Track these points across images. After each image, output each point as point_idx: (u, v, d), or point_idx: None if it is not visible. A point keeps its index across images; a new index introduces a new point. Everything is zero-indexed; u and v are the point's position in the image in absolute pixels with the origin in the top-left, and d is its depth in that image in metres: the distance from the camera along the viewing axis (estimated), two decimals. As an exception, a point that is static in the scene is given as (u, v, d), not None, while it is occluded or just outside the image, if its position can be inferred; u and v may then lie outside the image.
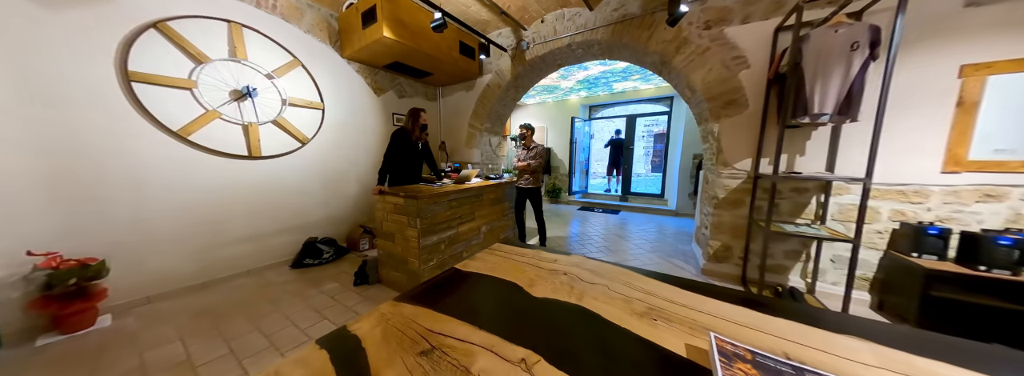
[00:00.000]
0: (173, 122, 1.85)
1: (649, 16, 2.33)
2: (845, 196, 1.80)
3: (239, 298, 1.91)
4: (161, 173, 1.84)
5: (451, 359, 0.44)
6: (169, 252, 1.90)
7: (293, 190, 2.52)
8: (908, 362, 0.42)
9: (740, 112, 2.04)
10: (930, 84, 1.55)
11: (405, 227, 1.87)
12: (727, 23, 2.03)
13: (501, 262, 0.85)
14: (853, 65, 1.48)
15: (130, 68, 1.68)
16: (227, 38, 2.06)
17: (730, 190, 2.12)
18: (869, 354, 0.44)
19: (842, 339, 0.48)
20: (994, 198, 1.50)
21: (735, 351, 0.40)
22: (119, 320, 1.65)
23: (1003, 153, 1.47)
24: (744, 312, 0.56)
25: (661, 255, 2.74)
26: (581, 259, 0.85)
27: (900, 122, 1.60)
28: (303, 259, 2.43)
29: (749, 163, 2.04)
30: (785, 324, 0.52)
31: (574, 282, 0.71)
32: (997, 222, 1.50)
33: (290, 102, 2.41)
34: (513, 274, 0.76)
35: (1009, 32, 1.42)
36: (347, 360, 0.45)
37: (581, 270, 0.78)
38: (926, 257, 1.49)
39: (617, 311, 0.57)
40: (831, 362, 0.42)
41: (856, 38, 1.47)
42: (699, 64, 2.16)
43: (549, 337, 0.50)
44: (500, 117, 3.91)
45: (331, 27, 2.70)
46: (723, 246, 2.18)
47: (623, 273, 0.76)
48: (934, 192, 1.60)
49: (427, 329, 0.52)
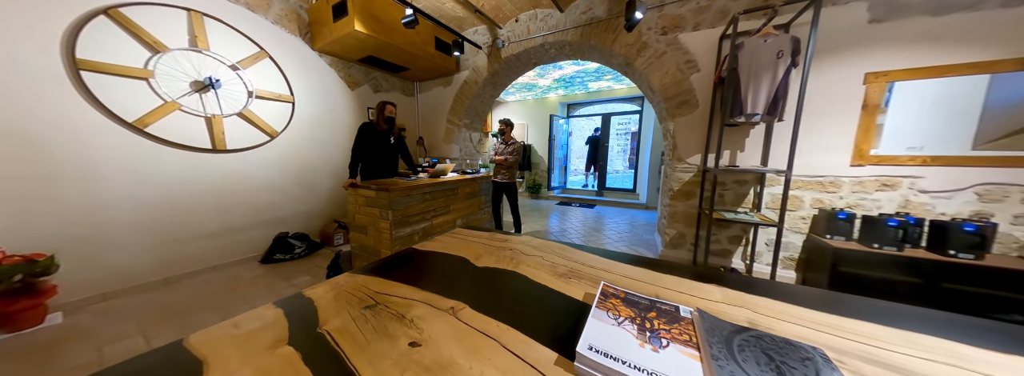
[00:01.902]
0: (128, 113, 1.78)
1: (614, 20, 2.48)
2: (776, 187, 2.03)
3: (205, 293, 1.89)
4: (117, 166, 1.78)
5: (391, 310, 0.53)
6: (127, 247, 1.84)
7: (263, 185, 2.48)
8: (745, 298, 0.56)
9: (692, 111, 2.24)
10: (840, 89, 1.79)
11: (377, 219, 1.92)
12: (681, 29, 2.21)
13: (457, 243, 0.94)
14: (779, 71, 1.69)
15: (78, 56, 1.61)
16: (187, 27, 1.99)
17: (683, 183, 2.32)
18: (718, 293, 0.58)
19: (707, 286, 0.61)
20: (890, 187, 1.77)
21: (613, 292, 0.52)
22: (72, 317, 1.60)
23: (913, 149, 1.73)
24: (641, 271, 0.69)
25: (627, 244, 2.94)
26: (528, 238, 0.96)
27: (818, 122, 1.84)
28: (273, 254, 2.41)
29: (699, 158, 2.25)
30: (669, 278, 0.65)
31: (516, 255, 0.82)
32: (891, 207, 1.77)
33: (257, 94, 2.36)
34: (464, 251, 0.86)
35: (905, 45, 1.67)
36: (299, 314, 0.53)
37: (526, 246, 0.89)
38: (837, 238, 1.74)
39: (543, 274, 0.68)
40: (685, 299, 0.55)
41: (781, 47, 1.68)
42: (657, 67, 2.33)
43: (478, 293, 0.60)
44: (479, 113, 3.98)
45: (301, 18, 2.65)
46: (678, 234, 2.38)
47: (561, 248, 0.87)
48: (845, 183, 1.85)
49: (375, 291, 0.61)
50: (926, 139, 1.70)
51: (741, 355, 0.35)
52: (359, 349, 0.42)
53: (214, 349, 0.43)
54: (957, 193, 1.64)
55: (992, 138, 1.58)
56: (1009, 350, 0.40)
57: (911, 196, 1.73)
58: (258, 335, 0.46)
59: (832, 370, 0.34)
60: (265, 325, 0.49)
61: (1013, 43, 1.49)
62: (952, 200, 1.65)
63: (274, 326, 0.49)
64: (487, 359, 0.40)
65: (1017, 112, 1.55)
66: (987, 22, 1.52)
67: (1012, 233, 1.57)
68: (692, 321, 0.43)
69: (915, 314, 0.50)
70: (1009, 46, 1.49)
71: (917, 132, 1.71)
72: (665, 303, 0.49)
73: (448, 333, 0.46)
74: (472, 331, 0.47)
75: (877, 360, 0.38)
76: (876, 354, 0.39)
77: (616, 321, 0.43)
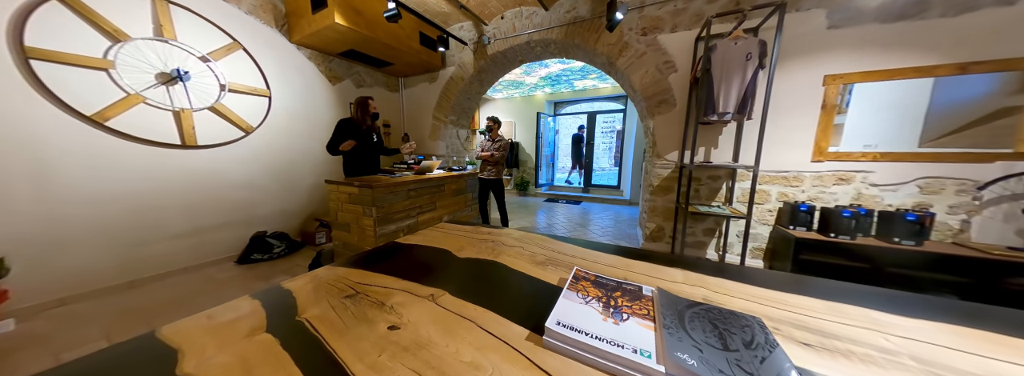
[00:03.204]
0: (85, 106, 1.67)
1: (597, 20, 2.53)
2: (746, 181, 2.16)
3: (174, 295, 1.81)
4: (72, 161, 1.66)
5: (371, 299, 0.55)
6: (86, 248, 1.73)
7: (238, 182, 2.38)
8: (703, 279, 0.61)
9: (670, 110, 2.33)
10: (802, 89, 1.92)
11: (361, 216, 1.89)
12: (660, 31, 2.29)
13: (440, 236, 0.96)
14: (747, 72, 1.79)
15: (27, 43, 1.49)
16: (151, 15, 1.88)
17: (662, 178, 2.42)
18: (680, 275, 0.62)
19: (671, 270, 0.66)
20: (845, 181, 1.92)
21: (585, 276, 0.55)
22: (25, 324, 1.49)
23: (869, 147, 1.87)
24: (616, 259, 0.73)
25: (610, 238, 3.03)
26: (511, 231, 0.99)
27: (783, 120, 1.96)
28: (251, 254, 2.33)
29: (677, 155, 2.35)
30: (639, 263, 0.69)
31: (498, 247, 0.84)
32: (846, 200, 1.93)
33: (230, 88, 2.26)
34: (447, 243, 0.87)
35: (860, 50, 1.81)
36: (277, 304, 0.53)
37: (508, 238, 0.91)
38: (799, 229, 1.87)
39: (522, 262, 0.71)
40: (649, 281, 0.60)
41: (749, 50, 1.78)
42: (638, 66, 2.41)
43: (459, 281, 0.62)
44: (466, 110, 3.96)
45: (277, 9, 2.55)
46: (657, 227, 2.48)
47: (543, 239, 0.90)
48: (806, 177, 1.99)
49: (355, 282, 0.62)
50: (879, 137, 1.85)
51: (690, 325, 0.40)
52: (338, 334, 0.44)
53: (188, 338, 0.43)
54: (902, 186, 1.80)
55: (934, 137, 1.75)
56: (918, 316, 0.47)
57: (863, 189, 1.88)
58: (234, 325, 0.47)
59: (767, 334, 0.38)
60: (241, 315, 0.49)
61: (952, 49, 1.64)
62: (897, 192, 1.81)
63: (251, 316, 0.49)
64: (462, 338, 0.42)
65: (955, 113, 1.71)
66: (930, 30, 1.67)
67: (947, 221, 1.75)
68: (652, 299, 0.47)
69: (847, 289, 0.57)
70: (948, 52, 1.65)
71: (872, 131, 1.86)
72: (630, 284, 0.52)
73: (426, 317, 0.48)
74: (450, 314, 0.49)
75: (806, 326, 0.44)
76: (805, 321, 0.45)
77: (584, 300, 0.47)
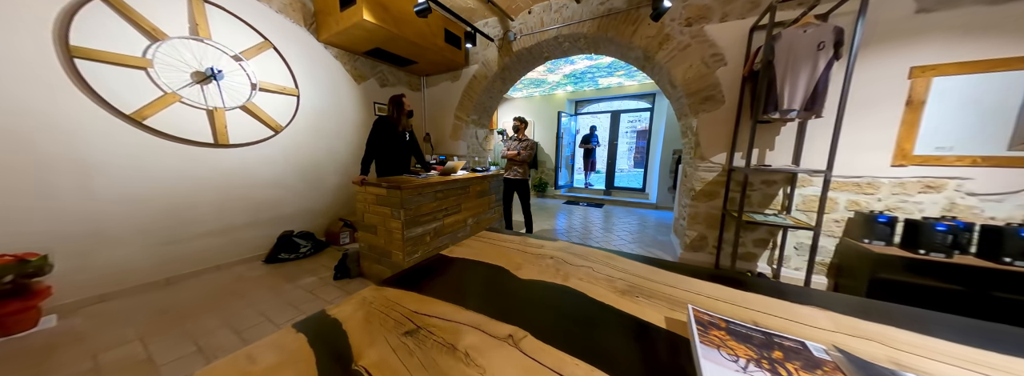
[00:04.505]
0: (126, 105, 1.68)
1: (634, 11, 2.36)
2: (808, 188, 1.93)
3: (206, 294, 1.80)
4: (113, 160, 1.68)
5: (437, 338, 0.44)
6: (125, 246, 1.75)
7: (266, 181, 2.39)
8: (858, 326, 0.46)
9: (717, 108, 2.13)
10: (883, 84, 1.68)
11: (388, 218, 1.82)
12: (707, 21, 2.09)
13: (487, 248, 0.85)
14: (819, 64, 1.58)
15: (72, 42, 1.50)
16: (187, 14, 1.89)
17: (706, 182, 2.22)
18: (826, 320, 0.48)
19: (803, 308, 0.51)
20: (933, 189, 1.67)
21: (711, 321, 0.42)
22: (66, 320, 1.51)
23: (942, 149, 1.63)
24: (717, 288, 0.59)
25: (641, 245, 2.85)
26: (566, 244, 0.86)
27: (857, 119, 1.72)
28: (278, 253, 2.32)
29: (724, 156, 2.14)
30: (753, 297, 0.55)
31: (560, 265, 0.72)
32: (935, 211, 1.67)
33: (261, 87, 2.26)
34: (500, 259, 0.76)
35: (953, 37, 1.56)
36: (326, 342, 0.43)
37: (567, 254, 0.79)
38: (875, 243, 1.64)
39: (601, 289, 0.59)
40: (794, 328, 0.45)
41: (822, 38, 1.56)
42: (680, 60, 2.22)
43: (535, 315, 0.51)
44: (487, 109, 3.87)
45: (306, 8, 2.54)
46: (699, 236, 2.29)
47: (607, 256, 0.78)
48: (884, 184, 1.75)
49: (412, 311, 0.51)
50: (956, 138, 1.59)
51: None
52: (409, 398, 0.33)
53: (223, 396, 0.34)
54: (1009, 196, 1.53)
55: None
56: None
57: (958, 199, 1.62)
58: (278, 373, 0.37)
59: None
60: (286, 359, 0.40)
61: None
62: (1003, 203, 1.55)
63: (297, 361, 0.39)
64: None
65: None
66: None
67: (1068, 239, 1.47)
68: (837, 366, 0.34)
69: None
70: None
71: (949, 131, 1.60)
72: (785, 337, 0.39)
73: (514, 372, 0.37)
74: (544, 370, 0.37)
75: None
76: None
77: (738, 365, 0.33)
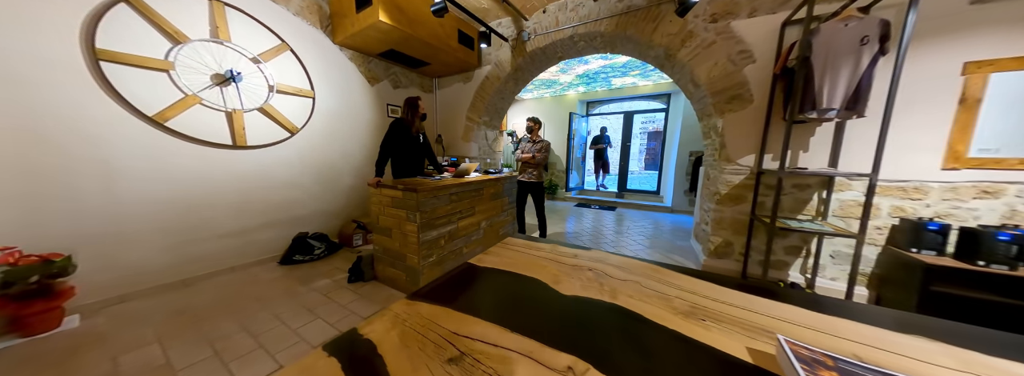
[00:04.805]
0: (148, 107, 1.70)
1: (655, 8, 2.28)
2: (846, 192, 1.81)
3: (223, 296, 1.80)
4: (135, 162, 1.70)
5: (485, 368, 0.38)
6: (145, 247, 1.76)
7: (282, 182, 2.39)
8: (990, 364, 0.39)
9: (744, 107, 2.03)
10: (934, 81, 1.56)
11: (404, 221, 1.79)
12: (734, 16, 2.00)
13: (517, 257, 0.79)
14: (862, 60, 1.47)
15: (98, 45, 1.52)
16: (208, 17, 1.90)
17: (732, 186, 2.11)
18: (944, 356, 0.40)
19: (908, 339, 0.44)
20: (991, 195, 1.53)
21: (813, 356, 0.35)
22: (89, 320, 1.52)
23: (987, 151, 1.50)
24: (793, 310, 0.52)
25: (660, 251, 2.74)
26: (603, 254, 0.80)
27: (903, 118, 1.61)
28: (293, 255, 2.32)
29: (752, 159, 2.04)
30: (842, 323, 0.48)
31: (602, 278, 0.66)
32: (993, 218, 1.53)
33: (278, 89, 2.27)
34: (534, 270, 0.70)
35: (1012, 29, 1.43)
36: (362, 369, 0.38)
37: (606, 266, 0.73)
38: (925, 252, 1.51)
39: (658, 310, 0.52)
40: (910, 365, 0.38)
41: (866, 32, 1.46)
42: (704, 58, 2.13)
43: (590, 341, 0.44)
44: (499, 110, 3.83)
45: (322, 10, 2.55)
46: (724, 242, 2.18)
47: (653, 269, 0.71)
48: (933, 188, 1.62)
49: (451, 332, 0.46)
50: (1004, 140, 1.46)
51: None
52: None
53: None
54: (1081, 203, 1.39)
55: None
56: None
57: (1020, 205, 1.49)
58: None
59: None
60: (317, 393, 0.35)
61: None
62: (1074, 211, 1.41)
63: (331, 397, 0.34)
64: None
65: None
66: None
67: None
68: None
69: None
70: None
71: (999, 131, 1.47)
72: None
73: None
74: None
75: None
76: None
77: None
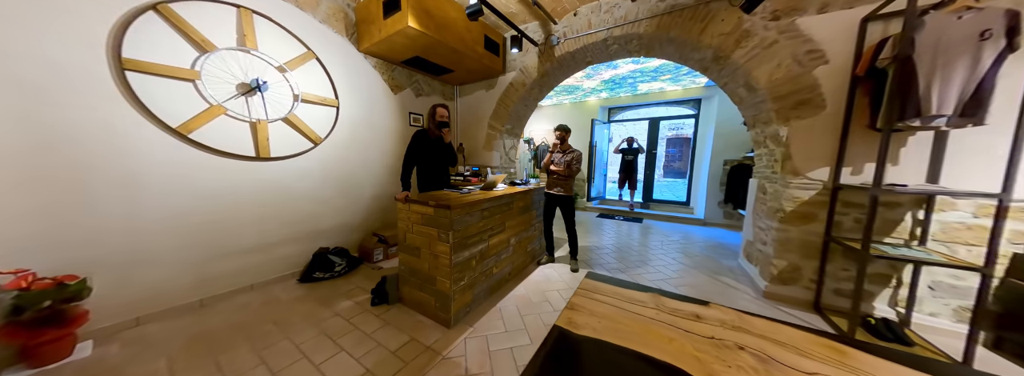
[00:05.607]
0: (173, 117, 1.62)
1: (703, 6, 2.10)
2: (950, 213, 1.54)
3: (241, 320, 1.67)
4: (157, 175, 1.61)
5: None
6: (163, 265, 1.66)
7: (303, 195, 2.29)
8: None
9: (815, 114, 1.79)
10: (1076, 81, 1.30)
11: (434, 241, 1.62)
12: (800, 13, 1.79)
13: (616, 315, 0.60)
14: (983, 58, 1.24)
15: (124, 55, 1.45)
16: (236, 25, 1.84)
17: (800, 202, 1.86)
18: None
19: None
20: None
21: None
22: (102, 348, 1.41)
23: None
24: None
25: (707, 272, 2.48)
26: (734, 313, 0.60)
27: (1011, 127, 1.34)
28: (313, 272, 2.19)
29: (825, 172, 1.79)
30: None
31: (765, 365, 0.46)
32: None
33: (303, 98, 2.19)
34: (656, 343, 0.51)
35: None
36: None
37: (759, 340, 0.53)
38: (1072, 290, 1.23)
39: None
40: None
41: (988, 25, 1.23)
42: (764, 59, 1.91)
43: None
44: (521, 118, 3.69)
45: (348, 18, 2.49)
46: (790, 266, 1.91)
47: (812, 340, 0.51)
48: (1073, 211, 1.34)
49: None
50: None
51: None
52: None
53: None
54: None
55: None
56: None
57: None
58: None
59: None
60: None
61: None
62: None
63: None
64: None
65: None
66: None
67: None
68: None
69: None
70: None
71: None
72: None
73: None
74: None
75: None
76: None
77: None
